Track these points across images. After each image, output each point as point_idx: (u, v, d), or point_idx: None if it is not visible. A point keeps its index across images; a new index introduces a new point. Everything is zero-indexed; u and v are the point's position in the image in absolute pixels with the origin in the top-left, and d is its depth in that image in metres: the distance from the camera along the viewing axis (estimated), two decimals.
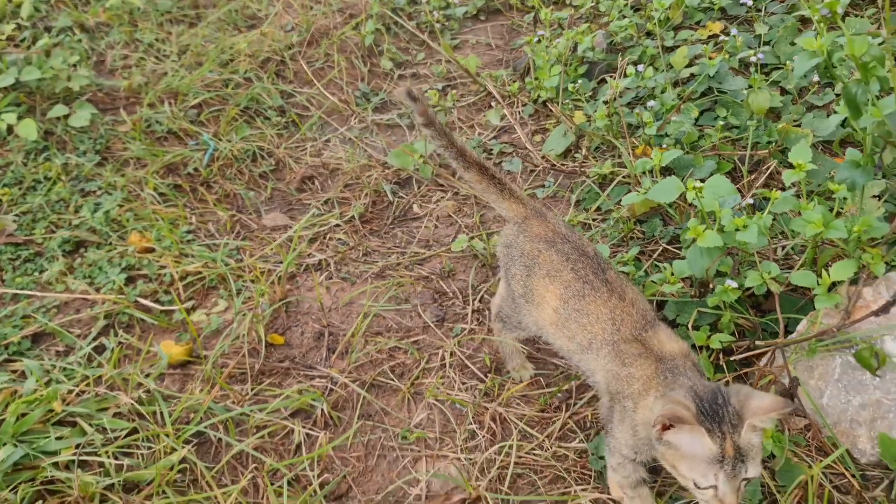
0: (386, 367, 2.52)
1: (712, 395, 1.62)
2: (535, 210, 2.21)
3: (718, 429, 1.57)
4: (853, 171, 2.23)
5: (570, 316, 2.00)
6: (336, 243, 3.09)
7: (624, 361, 1.85)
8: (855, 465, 2.10)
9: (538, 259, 2.09)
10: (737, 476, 1.58)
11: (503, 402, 2.35)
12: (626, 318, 1.92)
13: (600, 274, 2.01)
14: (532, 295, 2.11)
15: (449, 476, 2.17)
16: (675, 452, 1.63)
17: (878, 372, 2.10)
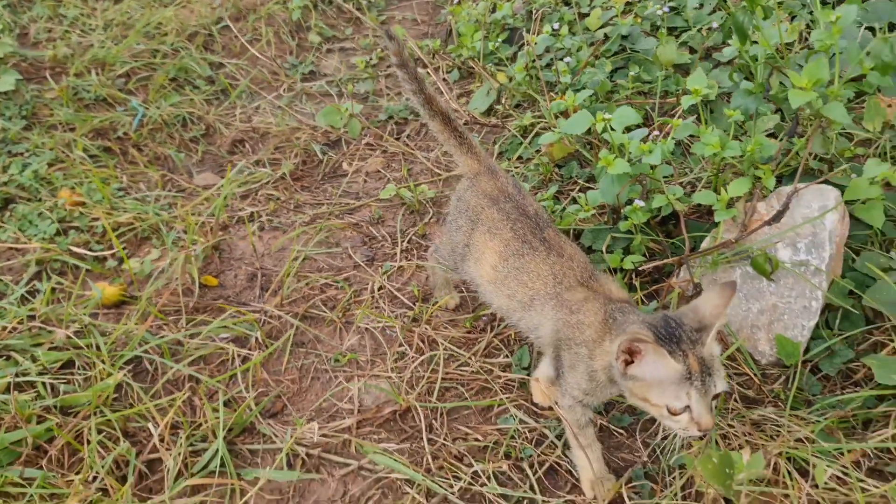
0: (317, 300, 2.63)
1: (663, 321, 1.64)
2: (489, 167, 2.24)
3: (679, 348, 1.57)
4: (746, 98, 2.45)
5: (510, 274, 2.02)
6: (267, 197, 3.18)
7: (571, 309, 1.86)
8: (756, 365, 2.29)
9: (481, 215, 2.12)
10: (708, 392, 1.57)
11: (431, 325, 2.48)
12: (567, 272, 1.95)
13: (538, 233, 2.03)
14: (472, 249, 2.15)
15: (380, 388, 2.28)
16: (643, 383, 1.62)
17: (773, 276, 2.30)
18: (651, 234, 2.57)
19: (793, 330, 2.27)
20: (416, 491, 2.02)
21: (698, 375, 1.57)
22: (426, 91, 2.27)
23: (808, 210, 2.32)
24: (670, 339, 1.60)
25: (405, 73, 2.27)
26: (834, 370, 2.23)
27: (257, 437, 2.20)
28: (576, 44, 3.47)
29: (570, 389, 1.89)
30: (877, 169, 2.40)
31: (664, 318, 1.66)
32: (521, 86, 3.38)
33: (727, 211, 2.33)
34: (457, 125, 2.28)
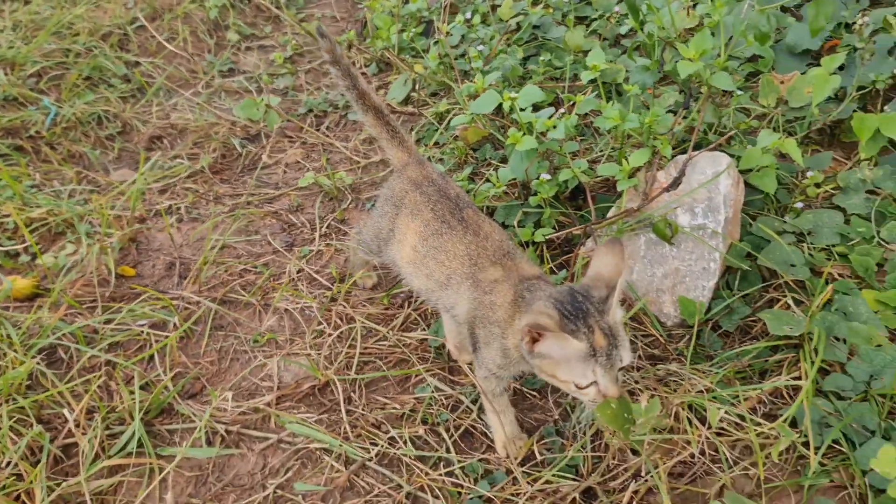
0: (236, 285, 2.66)
1: (569, 295, 1.66)
2: (418, 159, 2.28)
3: (584, 324, 1.60)
4: (643, 74, 2.59)
5: (428, 253, 2.05)
6: (185, 190, 3.19)
7: (485, 289, 1.89)
8: (662, 327, 2.41)
9: (405, 199, 2.17)
10: (613, 366, 1.61)
11: (349, 303, 2.54)
12: (481, 252, 1.96)
13: (457, 213, 2.06)
14: (395, 233, 2.19)
15: (300, 364, 2.33)
16: (550, 361, 1.64)
17: (673, 241, 2.43)
18: (561, 207, 2.68)
19: (694, 291, 2.40)
20: (335, 459, 2.07)
21: (603, 351, 1.60)
22: (360, 86, 2.28)
23: (703, 176, 2.46)
24: (576, 314, 1.62)
25: (338, 70, 2.28)
26: (733, 326, 2.36)
27: (176, 417, 2.22)
28: (489, 33, 3.58)
29: (485, 363, 1.93)
30: (769, 139, 2.56)
31: (570, 291, 1.68)
32: (435, 74, 3.46)
33: (629, 181, 2.45)
34: (389, 119, 2.32)
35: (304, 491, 2.02)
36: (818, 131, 2.95)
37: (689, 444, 2.03)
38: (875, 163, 2.76)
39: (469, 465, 2.04)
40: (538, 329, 1.59)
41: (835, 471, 1.96)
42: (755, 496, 1.94)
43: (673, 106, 2.91)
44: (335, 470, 2.06)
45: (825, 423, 2.04)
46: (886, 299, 2.32)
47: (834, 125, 2.93)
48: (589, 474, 2.00)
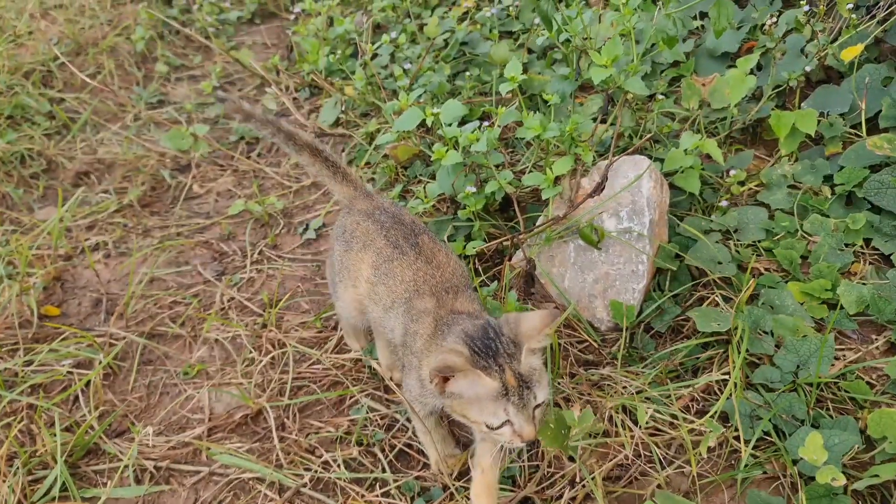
0: (165, 318, 2.62)
1: (482, 331, 1.61)
2: (364, 191, 2.22)
3: (495, 363, 1.55)
4: (562, 83, 2.63)
5: (380, 280, 1.98)
6: (113, 225, 3.14)
7: (412, 317, 1.84)
8: (596, 332, 2.43)
9: (356, 232, 2.08)
10: (527, 405, 1.56)
11: (281, 329, 2.51)
12: (427, 280, 1.89)
13: (411, 238, 1.99)
14: (349, 271, 2.10)
15: (231, 394, 2.29)
16: (461, 401, 1.59)
17: (600, 245, 2.46)
18: (491, 220, 2.69)
19: (625, 294, 2.43)
20: (268, 488, 2.04)
21: (515, 390, 1.54)
22: (284, 129, 2.24)
23: (626, 180, 2.50)
24: (486, 352, 1.56)
25: (256, 123, 2.27)
26: (664, 327, 2.39)
27: (103, 457, 2.17)
28: (417, 52, 3.60)
29: (407, 388, 1.89)
30: (690, 140, 2.62)
31: (484, 328, 1.62)
32: (364, 95, 3.48)
33: (553, 188, 2.48)
34: (327, 155, 2.24)
35: None
36: (741, 131, 3.02)
37: (623, 447, 2.04)
38: (795, 158, 2.83)
39: (405, 483, 2.02)
40: (446, 372, 1.54)
41: (767, 462, 1.99)
42: (690, 493, 1.96)
43: (597, 113, 2.95)
44: (269, 499, 2.03)
45: (756, 415, 2.08)
46: (811, 290, 2.38)
47: (755, 124, 3.01)
48: (525, 484, 2.00)
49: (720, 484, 1.97)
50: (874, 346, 2.24)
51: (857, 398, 2.10)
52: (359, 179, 2.27)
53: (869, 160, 2.66)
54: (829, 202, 2.65)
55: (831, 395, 2.13)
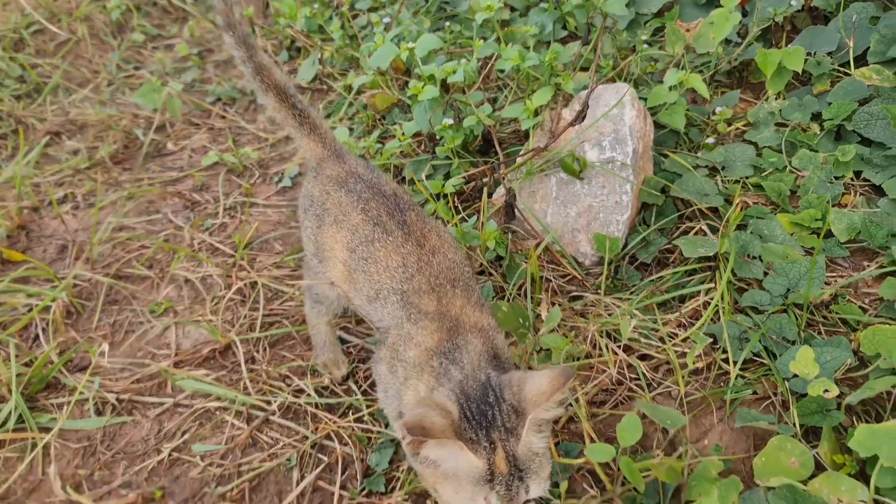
0: (133, 259, 2.53)
1: (482, 391, 1.31)
2: (335, 151, 1.91)
3: (486, 438, 1.24)
4: (541, 15, 2.57)
5: (358, 266, 1.67)
6: (83, 181, 3.06)
7: (410, 315, 1.54)
8: (581, 266, 2.36)
9: (327, 204, 1.78)
10: (514, 500, 1.25)
11: (254, 268, 2.43)
12: (422, 267, 1.59)
13: (397, 215, 1.68)
14: (323, 251, 1.80)
15: (199, 327, 2.21)
16: (434, 472, 1.28)
17: (583, 176, 2.39)
18: (469, 157, 2.62)
19: (609, 227, 2.36)
20: (235, 417, 1.96)
21: (503, 478, 1.23)
22: (256, 58, 1.91)
23: (607, 108, 2.43)
24: (479, 421, 1.26)
25: (233, 38, 1.91)
26: (650, 258, 2.32)
27: (62, 391, 2.08)
28: (396, 9, 3.54)
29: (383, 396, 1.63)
30: (674, 76, 2.56)
31: (484, 388, 1.32)
32: (342, 48, 3.41)
33: (533, 119, 2.42)
34: (295, 101, 1.92)
35: (203, 451, 1.90)
36: (726, 74, 2.97)
37: (606, 365, 1.96)
38: (782, 97, 2.78)
39: (378, 410, 1.94)
40: (420, 433, 1.18)
41: (757, 382, 1.92)
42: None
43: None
44: (236, 428, 1.94)
45: (745, 337, 2.00)
46: (801, 220, 2.31)
47: (741, 68, 2.96)
48: None
49: (709, 405, 1.89)
50: (866, 271, 2.17)
51: (849, 320, 2.03)
52: (330, 135, 1.96)
53: (858, 94, 2.60)
54: (817, 138, 2.59)
55: (822, 319, 2.06)
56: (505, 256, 2.27)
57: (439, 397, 1.31)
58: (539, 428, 1.27)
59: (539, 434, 1.27)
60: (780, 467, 1.72)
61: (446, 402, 1.28)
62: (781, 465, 1.72)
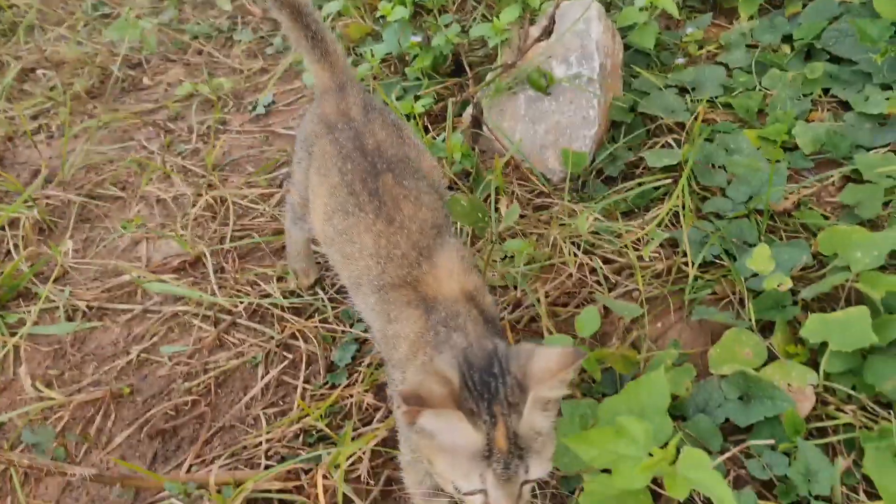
0: (105, 182, 2.56)
1: (487, 361, 1.21)
2: (340, 84, 1.75)
3: (487, 410, 1.14)
4: None
5: (335, 238, 1.53)
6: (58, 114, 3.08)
7: (390, 316, 1.41)
8: (549, 183, 2.39)
9: (313, 148, 1.66)
10: (512, 479, 1.14)
11: (226, 186, 2.46)
12: (392, 252, 1.44)
13: (370, 181, 1.50)
14: (308, 190, 1.70)
15: (168, 236, 2.24)
16: (430, 443, 1.19)
17: (549, 91, 2.42)
18: (439, 78, 2.65)
19: (576, 142, 2.39)
20: (203, 321, 2.00)
21: (502, 456, 1.13)
22: None
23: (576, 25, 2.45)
24: (481, 392, 1.16)
25: None
26: (616, 171, 2.35)
27: (33, 300, 2.12)
28: None
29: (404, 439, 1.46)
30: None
31: (489, 358, 1.21)
32: None
33: (500, 34, 2.43)
34: (310, 22, 1.75)
35: (171, 353, 1.94)
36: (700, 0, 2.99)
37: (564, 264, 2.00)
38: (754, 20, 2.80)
39: (343, 311, 1.98)
40: (417, 402, 1.10)
41: (717, 283, 1.96)
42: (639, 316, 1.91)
43: None
44: (203, 331, 1.98)
45: (706, 242, 2.04)
46: (767, 134, 2.35)
47: None
48: None
49: (669, 304, 1.94)
50: (829, 181, 2.21)
51: (810, 225, 2.07)
52: (343, 63, 1.79)
53: (829, 13, 2.63)
54: (787, 58, 2.62)
55: (784, 225, 2.10)
56: (472, 170, 2.30)
57: (440, 363, 1.21)
58: (545, 406, 1.18)
59: (544, 413, 1.18)
60: (734, 357, 1.77)
61: (447, 368, 1.18)
62: (736, 355, 1.78)
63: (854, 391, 1.69)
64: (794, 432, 1.63)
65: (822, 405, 1.69)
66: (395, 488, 1.63)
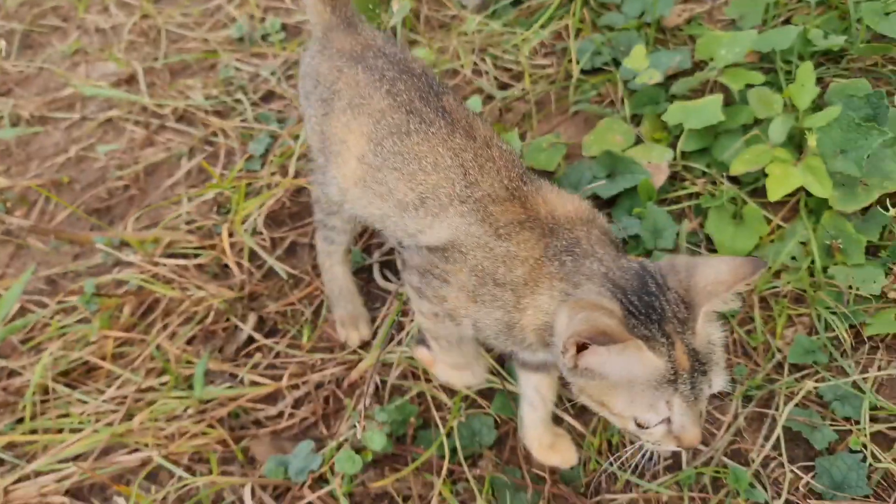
0: (46, 11, 2.76)
1: (639, 281, 1.15)
2: (345, 19, 1.61)
3: (660, 332, 1.09)
4: None
5: (386, 162, 1.40)
6: None
7: (498, 230, 1.28)
8: (465, 10, 2.59)
9: (337, 84, 1.49)
10: (698, 397, 1.10)
11: (162, 17, 2.67)
12: (486, 165, 1.34)
13: (433, 100, 1.41)
14: (330, 145, 1.53)
15: (106, 59, 2.48)
16: (601, 384, 1.12)
17: None
18: None
19: None
20: (135, 125, 2.24)
21: (687, 375, 1.08)
22: None
23: None
24: (647, 315, 1.10)
25: None
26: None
27: None
28: None
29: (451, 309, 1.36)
30: None
31: (639, 274, 1.16)
32: None
33: None
34: None
35: (106, 150, 2.19)
36: None
37: (462, 67, 2.24)
38: None
39: (261, 114, 2.22)
40: (599, 340, 1.03)
41: (601, 86, 2.20)
42: (528, 115, 2.16)
43: None
44: (136, 133, 2.23)
45: (597, 52, 2.26)
46: None
47: None
48: None
49: (553, 106, 2.17)
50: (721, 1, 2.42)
51: (696, 36, 2.28)
52: None
53: None
54: None
55: (672, 37, 2.32)
56: None
57: (589, 294, 1.14)
58: (712, 319, 1.14)
59: (713, 324, 1.14)
60: (605, 142, 2.04)
61: (601, 299, 1.12)
62: (607, 140, 2.04)
63: (708, 169, 1.96)
64: (647, 199, 1.91)
65: (680, 181, 1.96)
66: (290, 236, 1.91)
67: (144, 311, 1.82)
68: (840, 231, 1.78)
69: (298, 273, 1.86)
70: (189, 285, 1.79)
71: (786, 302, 1.73)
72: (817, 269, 1.75)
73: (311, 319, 1.79)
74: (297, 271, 1.87)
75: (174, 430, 1.57)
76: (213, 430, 1.58)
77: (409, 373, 1.66)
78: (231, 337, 1.76)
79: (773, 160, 1.81)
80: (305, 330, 1.76)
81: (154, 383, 1.67)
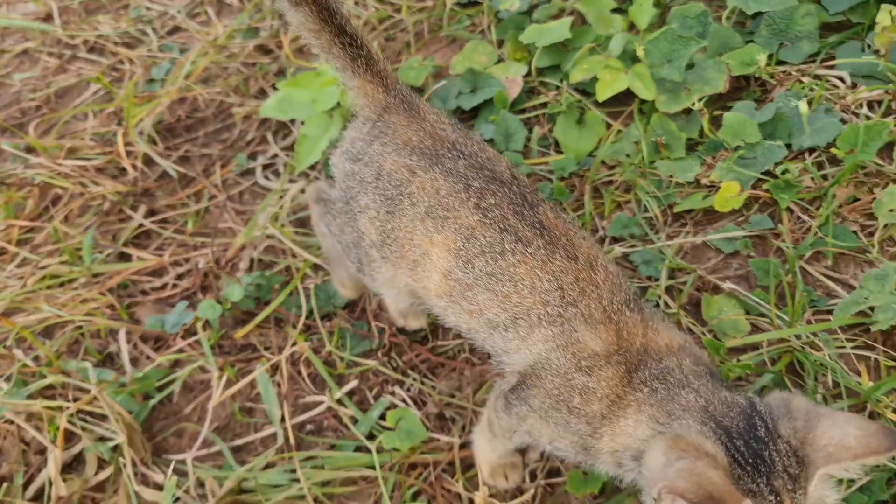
0: None
1: (747, 422, 1.05)
2: (403, 97, 1.45)
3: (768, 488, 0.99)
4: None
5: (478, 281, 1.30)
6: None
7: (580, 362, 1.21)
8: None
9: (410, 188, 1.35)
10: None
11: None
12: (587, 289, 1.25)
13: (528, 214, 1.30)
14: (397, 248, 1.40)
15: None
16: None
17: None
18: None
19: None
20: (48, 56, 2.50)
21: None
22: None
23: None
24: (755, 466, 1.01)
25: None
26: None
27: None
28: None
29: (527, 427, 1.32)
30: None
31: (747, 414, 1.06)
32: None
33: None
34: (342, 20, 1.40)
35: (22, 78, 2.45)
36: None
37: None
38: None
39: (165, 44, 2.48)
40: (702, 500, 0.92)
41: (476, 17, 2.47)
42: (409, 45, 2.42)
43: None
44: (49, 63, 2.48)
45: None
46: None
47: None
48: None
49: (434, 37, 2.45)
50: None
51: None
52: (391, 73, 1.48)
53: None
54: None
55: None
56: None
57: (687, 431, 1.05)
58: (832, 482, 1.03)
59: (831, 486, 1.03)
60: (470, 61, 2.32)
61: (704, 441, 1.02)
62: (472, 59, 2.32)
63: (560, 83, 2.24)
64: (501, 107, 2.19)
65: (536, 94, 2.24)
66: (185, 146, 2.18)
67: (48, 206, 2.07)
68: (665, 130, 2.06)
69: (188, 173, 2.13)
70: (88, 182, 2.05)
71: (614, 190, 2.01)
72: (645, 162, 2.04)
73: (197, 211, 2.06)
74: (188, 171, 2.13)
75: (69, 298, 1.83)
76: (102, 296, 1.84)
77: (280, 251, 1.93)
78: (124, 224, 2.02)
79: (606, 68, 2.10)
80: (190, 220, 2.03)
81: (54, 262, 1.93)
